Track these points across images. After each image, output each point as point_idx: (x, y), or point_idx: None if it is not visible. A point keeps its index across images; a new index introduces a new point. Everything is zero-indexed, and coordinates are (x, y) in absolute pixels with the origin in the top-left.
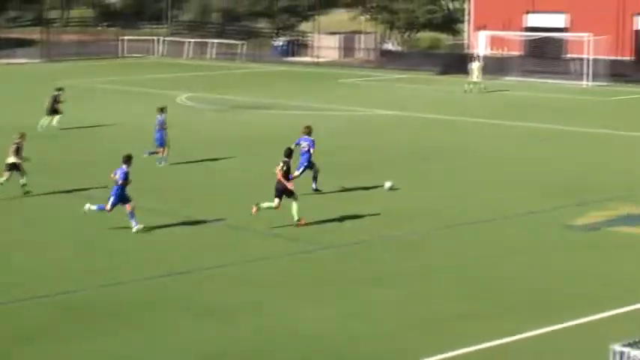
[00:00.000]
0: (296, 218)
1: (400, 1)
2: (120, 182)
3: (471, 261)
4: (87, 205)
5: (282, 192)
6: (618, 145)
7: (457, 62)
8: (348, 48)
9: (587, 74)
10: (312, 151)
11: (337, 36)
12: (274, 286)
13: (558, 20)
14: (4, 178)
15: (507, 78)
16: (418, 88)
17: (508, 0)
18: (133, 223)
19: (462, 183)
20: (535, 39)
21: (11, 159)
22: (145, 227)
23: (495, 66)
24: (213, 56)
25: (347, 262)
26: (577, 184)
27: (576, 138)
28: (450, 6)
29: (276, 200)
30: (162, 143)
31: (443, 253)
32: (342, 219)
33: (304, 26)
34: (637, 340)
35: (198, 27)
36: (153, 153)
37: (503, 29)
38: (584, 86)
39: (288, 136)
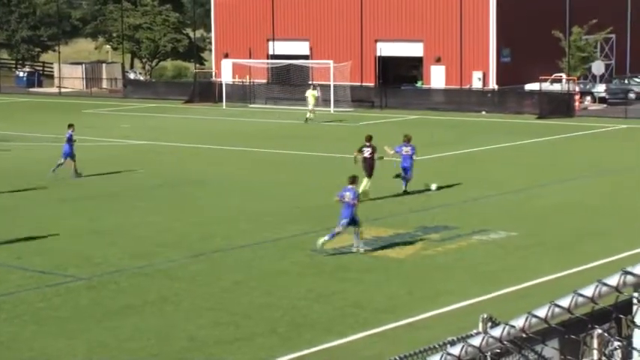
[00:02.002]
0: (362, 191)
1: (143, 30)
2: (353, 202)
3: (222, 288)
4: (320, 241)
5: (371, 170)
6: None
7: (203, 90)
8: (92, 78)
9: (331, 101)
10: (414, 157)
11: (81, 66)
12: (26, 321)
13: (302, 48)
14: None
15: (253, 105)
16: (165, 117)
17: (250, 28)
18: (361, 244)
19: (211, 209)
20: (279, 66)
21: None
22: (372, 249)
23: (240, 93)
24: None
25: (99, 293)
26: (325, 209)
27: (317, 163)
28: (195, 34)
29: (367, 180)
30: (67, 155)
31: (194, 281)
32: (94, 250)
33: (48, 56)
34: None
35: None
36: (59, 165)
37: (248, 57)
38: (331, 112)
39: (24, 169)
